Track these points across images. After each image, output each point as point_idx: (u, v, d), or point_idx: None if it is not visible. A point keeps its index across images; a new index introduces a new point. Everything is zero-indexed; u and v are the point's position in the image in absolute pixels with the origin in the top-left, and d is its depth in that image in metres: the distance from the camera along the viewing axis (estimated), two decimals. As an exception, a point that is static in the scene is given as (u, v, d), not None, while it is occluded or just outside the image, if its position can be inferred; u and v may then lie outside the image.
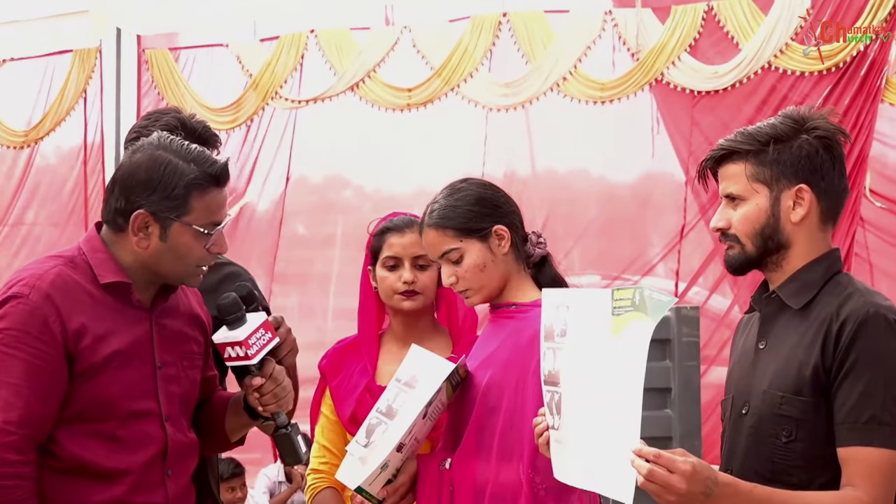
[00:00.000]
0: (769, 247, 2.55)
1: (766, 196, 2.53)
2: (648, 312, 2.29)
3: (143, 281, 2.78)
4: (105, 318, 2.72)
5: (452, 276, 2.96)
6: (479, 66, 8.62)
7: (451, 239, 2.95)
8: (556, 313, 2.56)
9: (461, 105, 8.70)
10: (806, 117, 2.56)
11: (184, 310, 2.89)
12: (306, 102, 9.23)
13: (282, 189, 9.35)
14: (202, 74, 9.62)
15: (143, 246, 2.73)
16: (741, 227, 2.56)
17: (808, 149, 2.53)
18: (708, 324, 7.48)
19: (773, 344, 2.54)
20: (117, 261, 2.76)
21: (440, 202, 3.00)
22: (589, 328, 2.44)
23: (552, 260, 3.05)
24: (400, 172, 9.02)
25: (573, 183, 8.75)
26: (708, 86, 8.05)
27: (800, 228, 2.54)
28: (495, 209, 2.98)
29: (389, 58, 8.89)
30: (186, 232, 2.72)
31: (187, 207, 2.71)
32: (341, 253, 9.21)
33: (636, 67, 8.19)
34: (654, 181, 8.44)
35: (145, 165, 2.72)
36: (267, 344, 2.82)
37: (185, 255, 2.74)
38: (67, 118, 10.05)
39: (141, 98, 9.75)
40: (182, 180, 2.70)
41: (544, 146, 8.66)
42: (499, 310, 3.01)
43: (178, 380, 2.82)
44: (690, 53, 8.12)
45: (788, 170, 2.52)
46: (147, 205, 2.70)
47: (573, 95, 8.42)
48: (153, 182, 2.70)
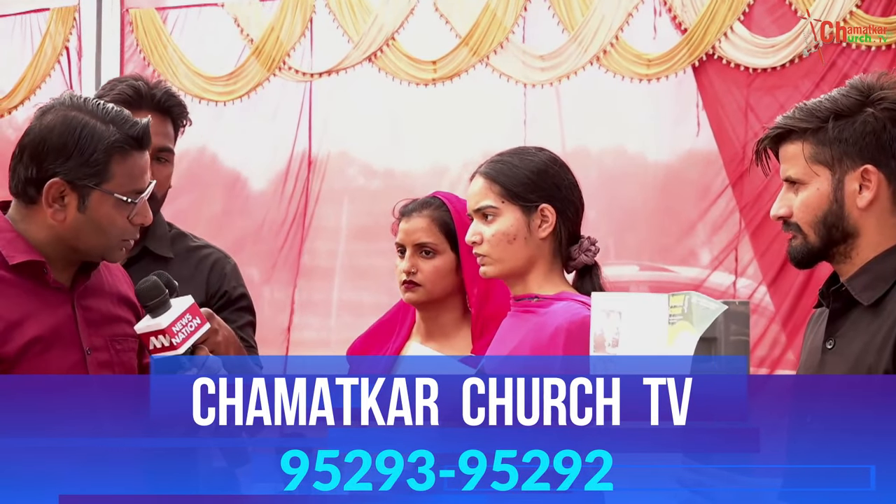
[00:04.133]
0: (834, 236, 2.51)
1: (828, 179, 2.50)
2: (694, 322, 2.32)
3: (60, 259, 2.74)
4: (18, 304, 2.67)
5: (477, 234, 2.97)
6: (511, 34, 8.61)
7: (493, 196, 2.96)
8: (607, 320, 2.54)
9: (493, 79, 8.69)
10: (873, 86, 2.51)
11: (109, 289, 2.85)
12: (319, 75, 9.21)
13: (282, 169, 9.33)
14: (194, 38, 9.56)
15: (59, 219, 2.69)
16: (802, 215, 2.53)
17: (874, 124, 2.48)
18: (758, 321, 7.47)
19: (842, 344, 2.51)
20: (27, 239, 2.71)
21: (503, 157, 3.03)
22: (644, 338, 2.44)
23: (599, 272, 3.04)
24: (422, 154, 9.02)
25: (608, 163, 8.74)
26: (765, 62, 8.02)
27: (868, 214, 2.49)
28: (554, 188, 2.98)
29: (409, 23, 8.88)
30: (107, 201, 2.69)
31: (108, 174, 2.68)
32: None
33: (684, 40, 8.16)
34: (702, 161, 8.41)
35: (58, 129, 2.68)
36: (196, 331, 2.78)
37: (107, 227, 2.70)
38: (42, 86, 10.03)
39: (124, 64, 9.71)
40: (101, 144, 2.67)
41: (578, 124, 8.63)
42: (520, 302, 3.00)
43: (112, 365, 2.79)
44: (744, 24, 8.10)
45: (852, 149, 2.48)
46: (62, 172, 2.66)
47: (616, 71, 8.40)
48: (68, 147, 2.66)
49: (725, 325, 5.95)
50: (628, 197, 8.60)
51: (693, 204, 8.43)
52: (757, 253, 8.03)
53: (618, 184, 8.60)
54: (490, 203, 2.96)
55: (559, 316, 2.83)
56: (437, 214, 3.29)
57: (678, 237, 8.54)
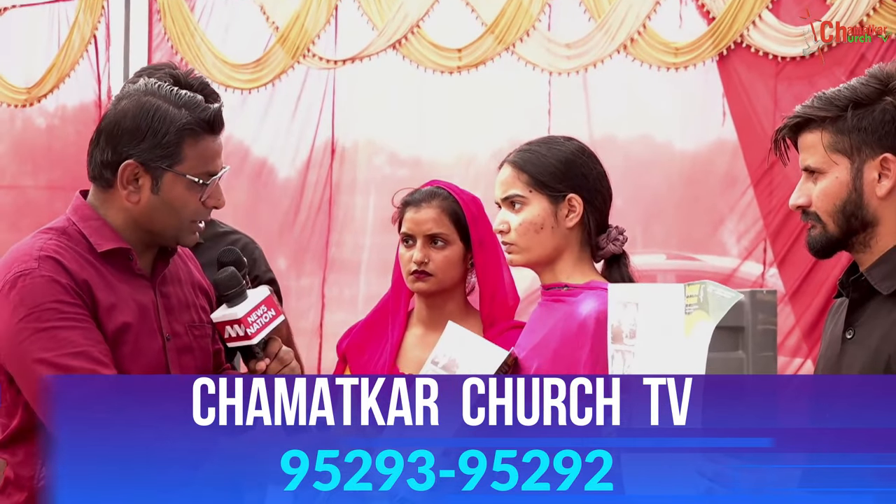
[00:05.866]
0: (853, 225, 2.50)
1: (847, 168, 2.49)
2: (710, 311, 2.31)
3: (139, 244, 2.80)
4: (111, 289, 2.74)
5: (505, 223, 2.98)
6: (537, 22, 8.58)
7: (521, 184, 2.97)
8: (624, 312, 2.55)
9: (518, 67, 8.67)
10: (892, 75, 2.50)
11: (185, 277, 2.92)
12: (343, 62, 9.20)
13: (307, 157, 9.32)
14: (220, 26, 9.57)
15: (134, 200, 2.75)
16: (821, 204, 2.52)
17: (893, 112, 2.48)
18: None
19: (862, 334, 2.50)
20: (111, 226, 2.77)
21: (532, 146, 3.03)
22: (661, 329, 2.44)
23: (628, 261, 3.04)
24: (448, 143, 9.01)
25: (635, 151, 8.70)
26: (793, 51, 7.97)
27: (888, 203, 2.49)
28: (582, 178, 2.98)
29: (434, 11, 8.87)
30: (180, 182, 2.75)
31: (180, 156, 2.74)
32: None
33: (712, 28, 8.11)
34: (730, 150, 8.37)
35: (132, 112, 2.74)
36: (270, 322, 2.83)
37: (180, 208, 2.76)
38: (71, 74, 10.05)
39: (152, 52, 9.73)
40: (173, 126, 2.73)
41: (604, 113, 8.61)
42: (550, 290, 3.00)
43: (192, 351, 2.86)
44: (772, 11, 8.05)
45: (871, 137, 2.47)
46: (136, 154, 2.73)
47: (643, 59, 8.37)
48: (141, 129, 2.72)
49: (753, 314, 5.92)
50: (655, 186, 8.57)
51: (720, 193, 8.40)
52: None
53: (644, 172, 8.57)
54: (518, 192, 2.97)
55: (588, 305, 2.84)
56: (447, 205, 3.28)
57: (705, 226, 8.50)
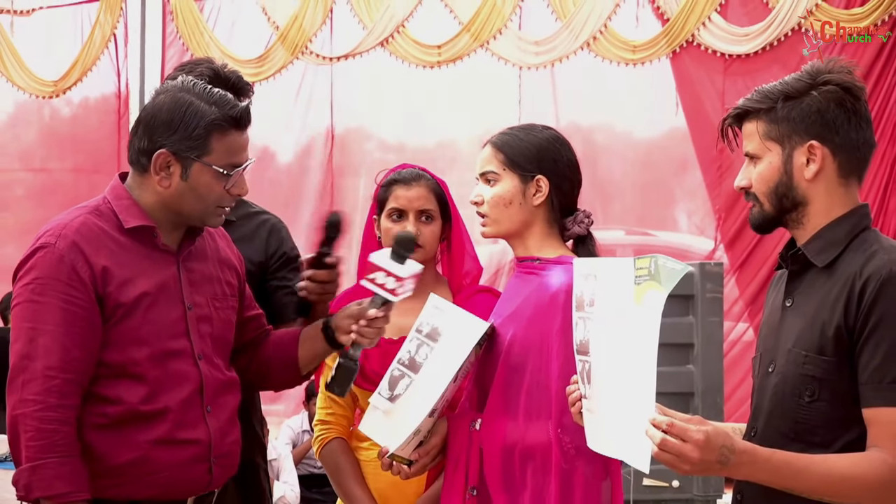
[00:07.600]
0: (785, 205, 2.49)
1: (779, 154, 2.48)
2: (662, 282, 2.28)
3: (167, 223, 2.83)
4: (131, 263, 2.77)
5: (479, 196, 3.00)
6: (509, 21, 8.57)
7: (497, 162, 2.99)
8: (585, 283, 2.55)
9: (492, 62, 8.66)
10: (821, 71, 2.49)
11: (212, 254, 2.95)
12: (337, 59, 9.17)
13: (305, 144, 9.30)
14: (227, 25, 9.55)
15: (165, 185, 2.79)
16: (758, 186, 2.51)
17: (819, 104, 2.46)
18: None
19: (799, 302, 2.48)
20: (141, 206, 2.81)
21: (513, 130, 3.05)
22: (615, 297, 2.43)
23: (594, 242, 3.03)
24: (430, 130, 9.00)
25: (597, 138, 8.71)
26: (740, 49, 7.98)
27: (815, 185, 2.47)
28: (551, 163, 2.98)
29: (418, 12, 8.85)
30: (206, 172, 2.78)
31: (208, 148, 2.76)
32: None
33: (666, 28, 8.11)
34: (681, 137, 8.38)
35: (167, 106, 2.78)
36: (406, 292, 2.86)
37: (206, 194, 2.79)
38: (93, 68, 10.02)
39: (166, 49, 9.71)
40: (203, 121, 2.75)
41: (569, 104, 8.60)
42: (524, 263, 3.00)
43: (210, 320, 2.87)
44: (720, 13, 8.06)
45: (799, 126, 2.46)
46: (169, 144, 2.76)
47: (604, 56, 8.36)
48: (175, 122, 2.76)
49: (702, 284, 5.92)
50: (615, 169, 8.59)
51: (673, 176, 8.43)
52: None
53: (605, 157, 8.58)
54: (493, 168, 2.99)
55: (558, 278, 2.83)
56: (432, 185, 3.27)
57: (660, 206, 8.52)
